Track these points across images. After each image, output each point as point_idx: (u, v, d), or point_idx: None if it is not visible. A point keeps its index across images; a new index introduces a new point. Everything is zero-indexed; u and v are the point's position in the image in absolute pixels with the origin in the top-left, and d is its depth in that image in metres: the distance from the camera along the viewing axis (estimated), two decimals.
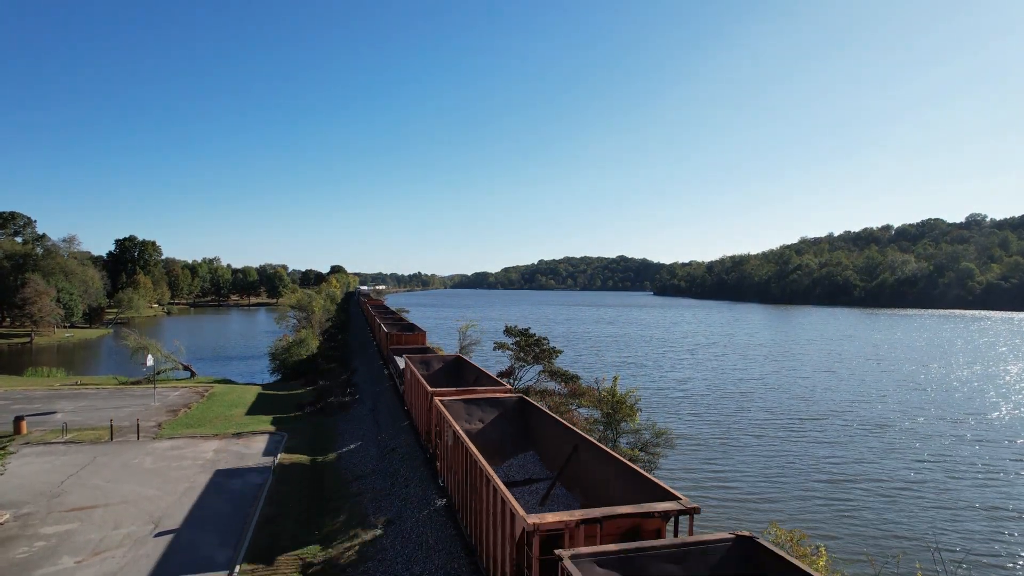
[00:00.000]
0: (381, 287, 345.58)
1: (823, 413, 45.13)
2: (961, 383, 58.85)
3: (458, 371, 28.24)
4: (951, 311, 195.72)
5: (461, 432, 14.32)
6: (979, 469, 32.10)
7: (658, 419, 35.74)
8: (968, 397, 51.88)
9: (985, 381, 60.27)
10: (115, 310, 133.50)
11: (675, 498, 9.48)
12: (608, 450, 12.71)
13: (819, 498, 27.87)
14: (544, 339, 42.12)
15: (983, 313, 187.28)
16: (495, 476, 11.05)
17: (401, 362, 30.40)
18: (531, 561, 8.86)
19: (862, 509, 26.52)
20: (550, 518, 8.75)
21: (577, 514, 8.83)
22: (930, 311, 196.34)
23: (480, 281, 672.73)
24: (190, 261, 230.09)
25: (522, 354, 40.76)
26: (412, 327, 47.19)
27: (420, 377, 22.75)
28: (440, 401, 17.63)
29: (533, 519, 8.71)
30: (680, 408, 46.19)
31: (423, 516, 17.46)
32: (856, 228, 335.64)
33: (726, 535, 8.43)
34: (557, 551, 7.68)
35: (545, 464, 16.14)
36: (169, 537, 17.88)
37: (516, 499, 10.29)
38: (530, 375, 41.09)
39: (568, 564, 7.26)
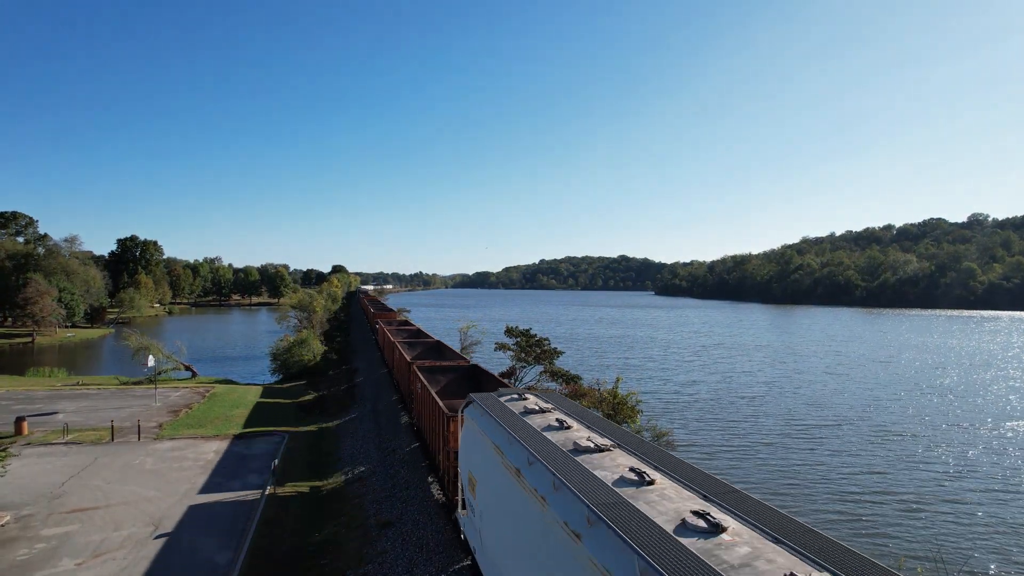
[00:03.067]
0: (388, 286, 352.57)
1: (832, 418, 44.38)
2: (977, 388, 57.38)
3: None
4: (953, 311, 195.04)
5: None
6: (993, 479, 31.34)
7: (662, 422, 35.51)
8: (984, 403, 50.42)
9: (1002, 384, 59.07)
10: (116, 310, 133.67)
11: None
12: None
13: (823, 502, 27.76)
14: (545, 340, 42.15)
15: (991, 313, 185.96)
16: None
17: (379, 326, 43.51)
18: None
19: (868, 515, 26.38)
20: None
21: None
22: (932, 311, 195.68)
23: (481, 281, 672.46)
24: (192, 261, 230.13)
25: (523, 355, 40.78)
26: (389, 309, 79.76)
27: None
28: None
29: None
30: (685, 411, 45.83)
31: (423, 519, 17.41)
32: (858, 228, 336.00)
33: None
34: None
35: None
36: (170, 539, 17.86)
37: None
38: (531, 376, 41.12)
39: None
